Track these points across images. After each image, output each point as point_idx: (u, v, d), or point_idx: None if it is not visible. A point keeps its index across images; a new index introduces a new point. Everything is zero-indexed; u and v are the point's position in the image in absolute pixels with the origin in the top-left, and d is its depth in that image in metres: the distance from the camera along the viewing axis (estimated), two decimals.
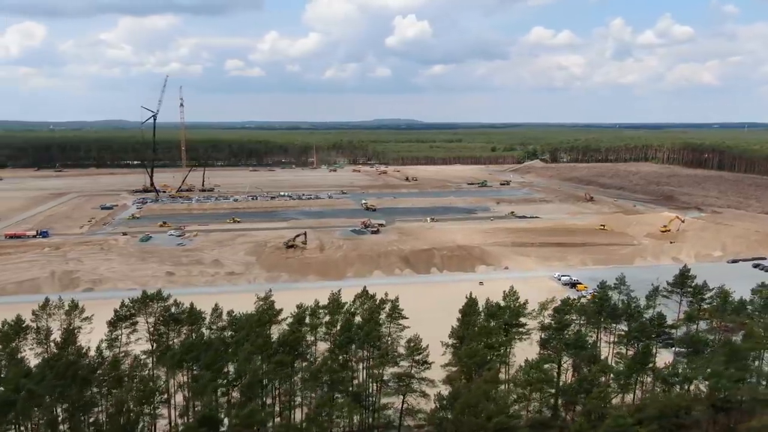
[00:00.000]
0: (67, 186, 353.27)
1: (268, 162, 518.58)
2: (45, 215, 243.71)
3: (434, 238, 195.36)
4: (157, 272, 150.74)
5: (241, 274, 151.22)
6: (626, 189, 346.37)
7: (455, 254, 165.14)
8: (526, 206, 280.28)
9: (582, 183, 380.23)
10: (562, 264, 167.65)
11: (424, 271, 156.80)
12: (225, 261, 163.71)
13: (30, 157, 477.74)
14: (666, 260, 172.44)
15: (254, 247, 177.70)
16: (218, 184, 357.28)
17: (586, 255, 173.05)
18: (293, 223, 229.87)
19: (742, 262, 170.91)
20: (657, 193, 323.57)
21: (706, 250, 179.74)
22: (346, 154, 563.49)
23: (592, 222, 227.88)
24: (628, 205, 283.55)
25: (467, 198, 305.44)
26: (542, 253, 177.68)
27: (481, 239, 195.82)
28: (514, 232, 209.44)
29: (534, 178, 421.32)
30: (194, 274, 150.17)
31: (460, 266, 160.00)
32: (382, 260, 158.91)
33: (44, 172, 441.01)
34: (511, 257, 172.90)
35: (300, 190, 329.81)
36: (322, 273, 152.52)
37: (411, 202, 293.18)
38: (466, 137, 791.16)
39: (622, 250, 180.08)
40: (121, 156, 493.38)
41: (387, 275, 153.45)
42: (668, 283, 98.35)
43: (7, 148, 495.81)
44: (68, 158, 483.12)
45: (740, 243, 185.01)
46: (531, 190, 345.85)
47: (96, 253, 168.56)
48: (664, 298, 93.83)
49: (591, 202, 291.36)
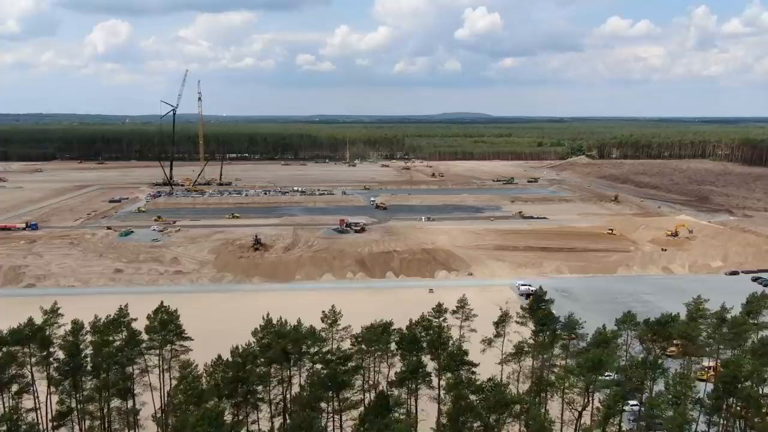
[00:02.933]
0: (97, 178, 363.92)
1: (305, 156, 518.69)
2: (53, 207, 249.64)
3: (418, 238, 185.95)
4: (107, 269, 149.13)
5: (187, 274, 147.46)
6: (662, 188, 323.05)
7: (416, 258, 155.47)
8: (541, 206, 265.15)
9: (617, 181, 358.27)
10: (535, 271, 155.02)
11: (379, 275, 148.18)
12: (183, 259, 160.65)
13: (77, 150, 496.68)
14: (654, 270, 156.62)
15: (221, 245, 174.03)
16: (239, 178, 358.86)
17: (565, 262, 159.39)
18: (285, 220, 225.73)
19: (744, 274, 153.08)
20: (693, 194, 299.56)
21: (704, 259, 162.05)
22: (384, 149, 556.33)
23: (601, 225, 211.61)
24: (653, 206, 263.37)
25: (481, 196, 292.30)
26: (520, 258, 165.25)
27: (465, 241, 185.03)
28: (505, 234, 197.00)
29: (569, 175, 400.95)
30: (142, 272, 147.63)
31: (419, 271, 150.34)
32: (337, 263, 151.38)
33: (87, 164, 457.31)
34: (483, 262, 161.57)
35: (318, 185, 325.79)
36: (270, 275, 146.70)
37: (422, 199, 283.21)
38: (522, 131, 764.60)
39: (609, 257, 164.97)
40: (163, 149, 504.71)
41: (337, 279, 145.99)
42: (522, 308, 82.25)
43: (59, 140, 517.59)
44: (113, 151, 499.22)
45: (749, 252, 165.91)
46: (557, 189, 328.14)
47: (60, 248, 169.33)
48: (518, 324, 77.81)
49: (614, 203, 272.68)
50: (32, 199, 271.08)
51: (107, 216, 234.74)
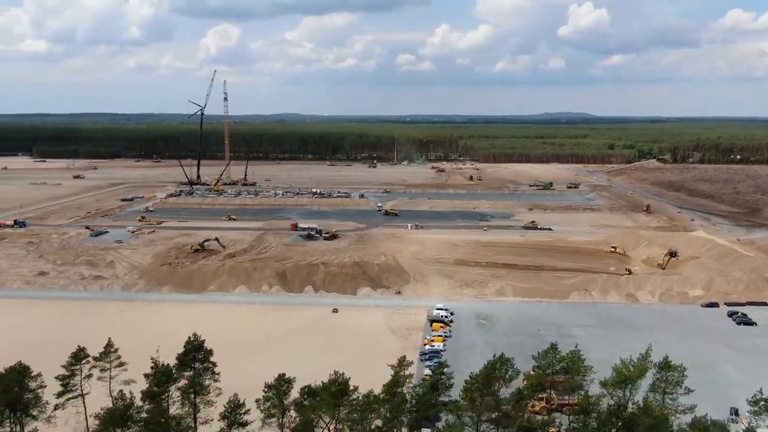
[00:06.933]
0: (140, 176, 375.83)
1: (357, 157, 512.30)
2: (63, 205, 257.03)
3: (383, 247, 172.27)
4: (32, 271, 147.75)
5: (105, 279, 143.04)
6: (715, 198, 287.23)
7: (344, 271, 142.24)
8: (560, 215, 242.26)
9: (671, 188, 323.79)
10: (476, 291, 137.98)
11: (297, 290, 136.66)
12: (120, 263, 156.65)
13: (140, 149, 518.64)
14: (615, 297, 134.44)
15: (167, 249, 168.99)
16: (269, 178, 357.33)
17: (512, 283, 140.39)
18: (271, 224, 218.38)
19: (728, 307, 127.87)
20: (746, 205, 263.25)
21: (682, 286, 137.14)
22: (440, 150, 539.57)
23: (602, 240, 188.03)
24: (686, 218, 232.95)
25: (500, 202, 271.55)
26: (471, 275, 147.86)
27: (434, 253, 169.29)
28: (483, 246, 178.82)
29: (622, 180, 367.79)
30: (62, 276, 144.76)
31: (342, 287, 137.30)
32: (256, 274, 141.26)
33: (143, 163, 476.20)
34: (427, 278, 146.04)
35: (341, 187, 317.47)
36: (184, 284, 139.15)
37: (432, 204, 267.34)
38: (608, 132, 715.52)
39: (569, 279, 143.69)
40: (219, 148, 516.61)
41: (250, 292, 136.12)
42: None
43: (124, 139, 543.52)
44: (172, 149, 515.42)
45: (745, 280, 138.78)
46: (595, 196, 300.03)
47: (14, 247, 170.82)
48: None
49: (645, 213, 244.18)
50: (55, 196, 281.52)
51: (109, 215, 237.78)
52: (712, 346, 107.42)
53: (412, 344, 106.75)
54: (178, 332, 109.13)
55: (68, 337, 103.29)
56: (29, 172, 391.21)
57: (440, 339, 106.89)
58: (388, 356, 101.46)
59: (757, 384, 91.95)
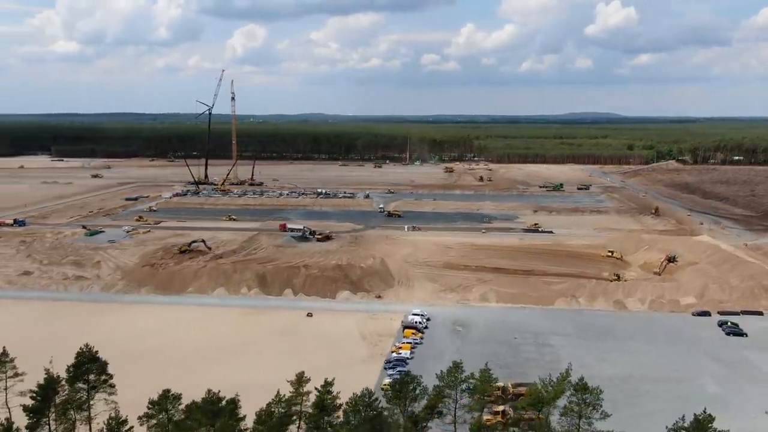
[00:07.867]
0: (152, 175, 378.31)
1: (370, 157, 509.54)
2: (67, 204, 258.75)
3: (374, 250, 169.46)
4: (17, 271, 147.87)
5: (86, 280, 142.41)
6: (729, 200, 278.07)
7: (325, 274, 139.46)
8: (566, 217, 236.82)
9: (686, 191, 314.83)
10: (458, 296, 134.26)
11: (276, 293, 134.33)
12: (107, 263, 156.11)
13: (155, 148, 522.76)
14: (603, 304, 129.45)
15: (154, 250, 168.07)
16: (276, 178, 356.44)
17: (497, 288, 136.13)
18: (267, 225, 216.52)
19: (721, 315, 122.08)
20: (761, 209, 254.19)
21: (674, 294, 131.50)
22: (455, 150, 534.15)
23: (601, 243, 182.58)
24: (695, 221, 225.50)
25: (504, 204, 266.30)
26: (458, 279, 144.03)
27: (426, 255, 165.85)
28: (476, 249, 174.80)
29: (636, 182, 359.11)
30: (45, 276, 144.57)
31: (322, 290, 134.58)
32: (237, 276, 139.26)
33: (158, 162, 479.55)
34: (412, 282, 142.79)
35: (348, 188, 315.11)
36: (164, 286, 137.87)
37: (435, 206, 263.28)
38: (629, 132, 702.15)
39: (557, 284, 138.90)
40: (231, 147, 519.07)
41: (229, 294, 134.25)
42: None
43: (140, 138, 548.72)
44: (186, 149, 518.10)
45: (742, 288, 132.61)
46: (606, 198, 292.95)
47: (4, 246, 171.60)
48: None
49: (653, 216, 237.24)
50: (62, 195, 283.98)
51: (110, 214, 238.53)
52: (695, 357, 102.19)
53: (380, 351, 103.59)
54: (143, 336, 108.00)
55: (36, 339, 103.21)
56: (44, 171, 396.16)
57: (408, 346, 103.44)
58: (353, 363, 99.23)
59: (735, 400, 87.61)
